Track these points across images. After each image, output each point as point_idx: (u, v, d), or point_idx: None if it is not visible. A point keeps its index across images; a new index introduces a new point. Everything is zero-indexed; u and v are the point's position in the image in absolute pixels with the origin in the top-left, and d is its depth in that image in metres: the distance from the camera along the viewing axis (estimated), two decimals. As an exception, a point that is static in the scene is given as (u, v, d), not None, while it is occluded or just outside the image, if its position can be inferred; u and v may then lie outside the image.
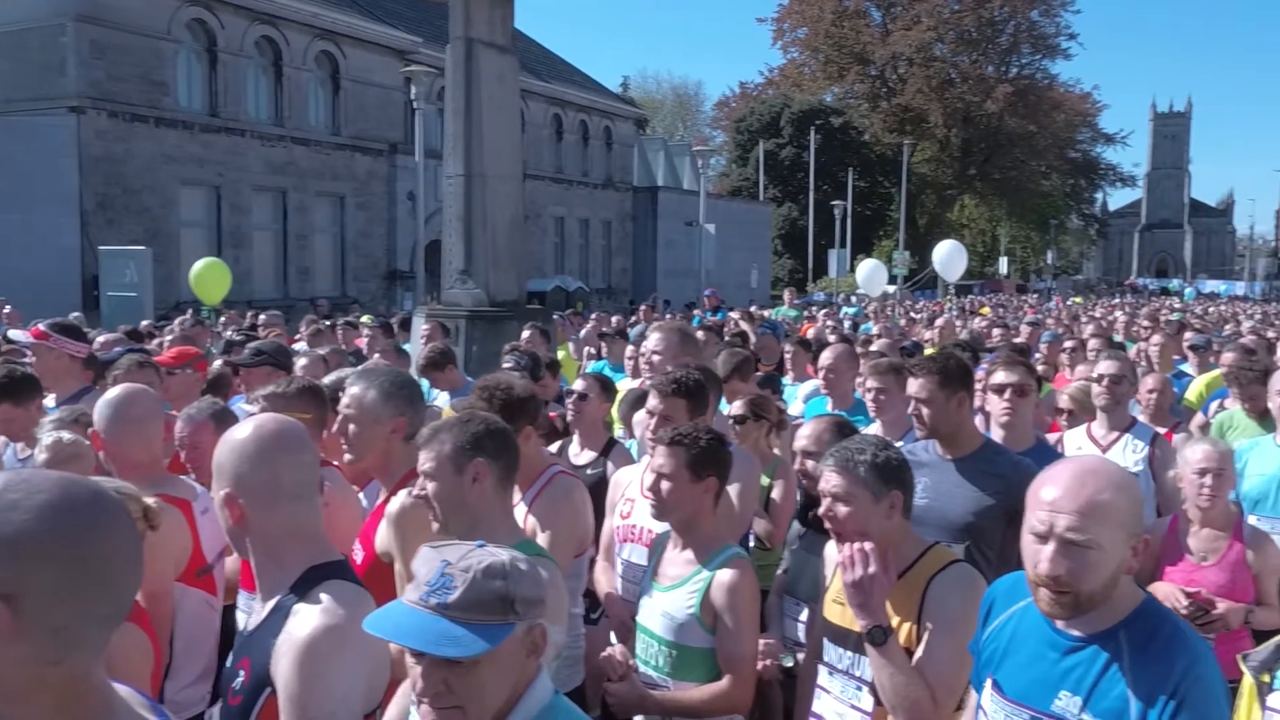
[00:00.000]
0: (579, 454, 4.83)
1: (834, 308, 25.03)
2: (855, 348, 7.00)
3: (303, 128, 28.33)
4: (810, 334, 11.10)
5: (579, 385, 4.98)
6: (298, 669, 1.95)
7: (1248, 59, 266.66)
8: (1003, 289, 55.04)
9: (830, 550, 2.90)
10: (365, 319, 12.93)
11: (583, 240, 40.42)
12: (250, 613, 2.99)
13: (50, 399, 4.84)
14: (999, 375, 4.09)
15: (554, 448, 4.83)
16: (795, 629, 3.30)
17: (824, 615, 2.86)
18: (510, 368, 5.60)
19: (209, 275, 16.14)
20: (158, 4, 24.19)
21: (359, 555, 3.00)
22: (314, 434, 3.48)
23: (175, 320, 12.42)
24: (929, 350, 8.31)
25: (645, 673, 3.04)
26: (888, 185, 60.37)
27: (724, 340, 8.14)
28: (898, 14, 66.63)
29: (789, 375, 7.67)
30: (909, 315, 20.72)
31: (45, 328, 5.07)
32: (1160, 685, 1.95)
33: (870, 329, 13.83)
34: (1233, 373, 5.92)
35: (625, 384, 6.46)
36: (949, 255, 25.73)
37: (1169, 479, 4.11)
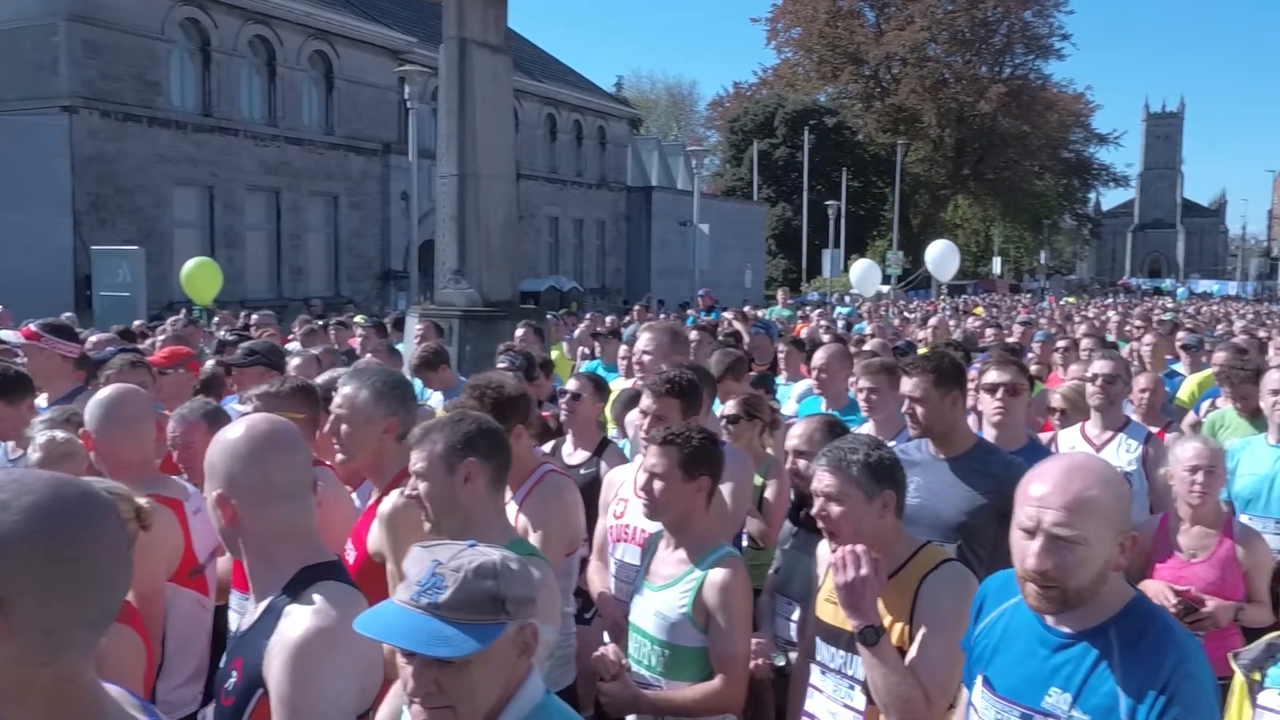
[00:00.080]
0: (572, 453, 4.83)
1: (828, 307, 25.05)
2: (849, 347, 7.01)
3: (296, 127, 28.29)
4: (804, 334, 11.12)
5: (572, 385, 4.99)
6: (289, 670, 1.94)
7: (1240, 59, 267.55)
8: (996, 289, 55.06)
9: (823, 549, 2.90)
10: (359, 319, 12.91)
11: (577, 240, 40.41)
12: (243, 613, 2.99)
13: (42, 399, 4.82)
14: (991, 375, 4.10)
15: (547, 447, 4.83)
16: (787, 628, 3.31)
17: (816, 614, 2.86)
18: (505, 367, 5.59)
19: (200, 275, 16.11)
20: (150, 3, 24.13)
21: (351, 555, 3.00)
22: (307, 434, 3.47)
23: (168, 320, 12.39)
24: (922, 350, 8.32)
25: (638, 672, 3.04)
26: (881, 185, 60.43)
27: (718, 340, 8.15)
28: (891, 14, 66.68)
29: (783, 375, 7.68)
30: (903, 315, 20.74)
31: (36, 328, 5.06)
32: (1150, 681, 1.95)
33: (864, 329, 13.84)
34: (1224, 372, 5.94)
35: (619, 384, 6.46)
36: (942, 255, 25.78)
37: (1160, 476, 4.12)
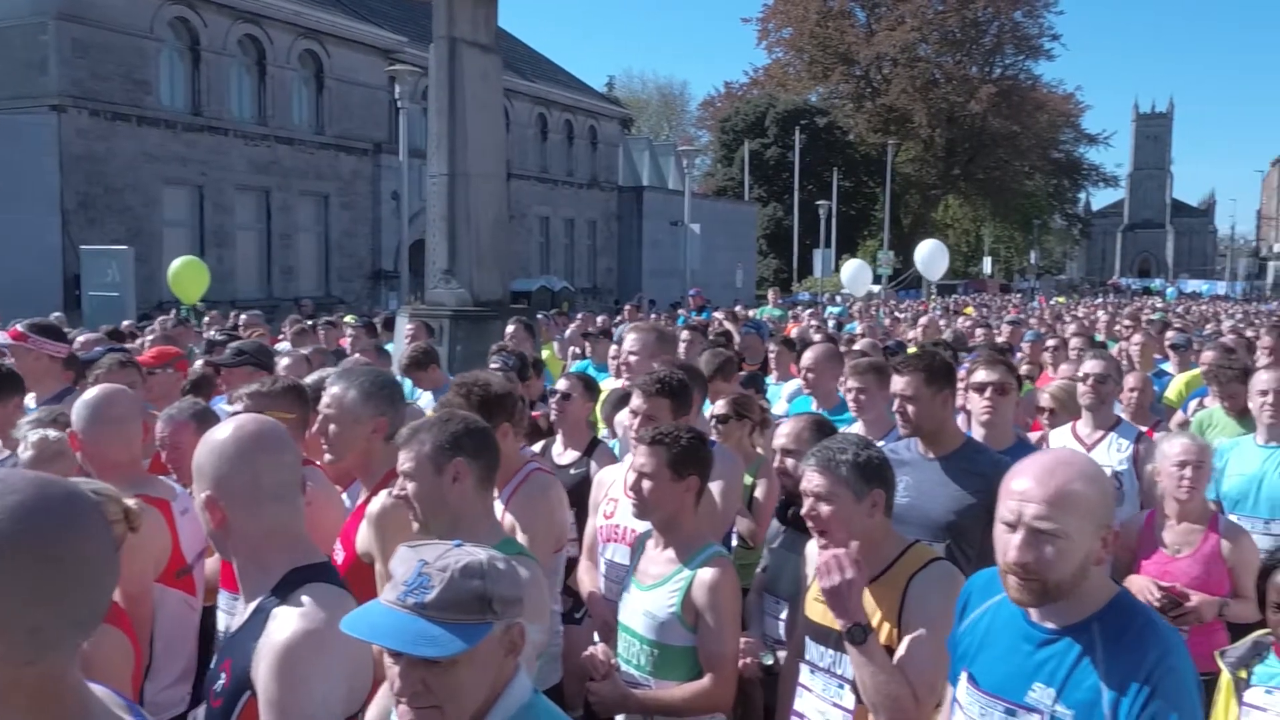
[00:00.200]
0: (562, 453, 4.82)
1: (819, 307, 25.07)
2: (839, 347, 7.01)
3: (286, 127, 28.21)
4: (794, 333, 11.12)
5: (562, 385, 4.98)
6: (276, 673, 1.94)
7: (1229, 60, 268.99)
8: (986, 289, 55.22)
9: (811, 548, 2.91)
10: (349, 319, 12.89)
11: (568, 240, 40.39)
12: (232, 613, 2.99)
13: (30, 399, 4.80)
14: (980, 374, 4.11)
15: (537, 447, 4.82)
16: (776, 627, 3.31)
17: (805, 613, 2.86)
18: (498, 367, 5.58)
19: (186, 274, 16.04)
20: (140, 2, 24.05)
21: (340, 555, 2.99)
22: (297, 434, 3.47)
23: (157, 320, 12.36)
24: (912, 350, 8.34)
25: (627, 672, 3.05)
26: (872, 185, 60.52)
27: (709, 340, 8.15)
28: (882, 14, 66.78)
29: (773, 375, 7.68)
30: (893, 315, 20.76)
31: (23, 328, 5.04)
32: (1132, 675, 1.97)
33: (854, 328, 13.86)
34: (1212, 371, 5.96)
35: (609, 384, 6.45)
36: (931, 255, 25.84)
37: (1147, 472, 4.14)
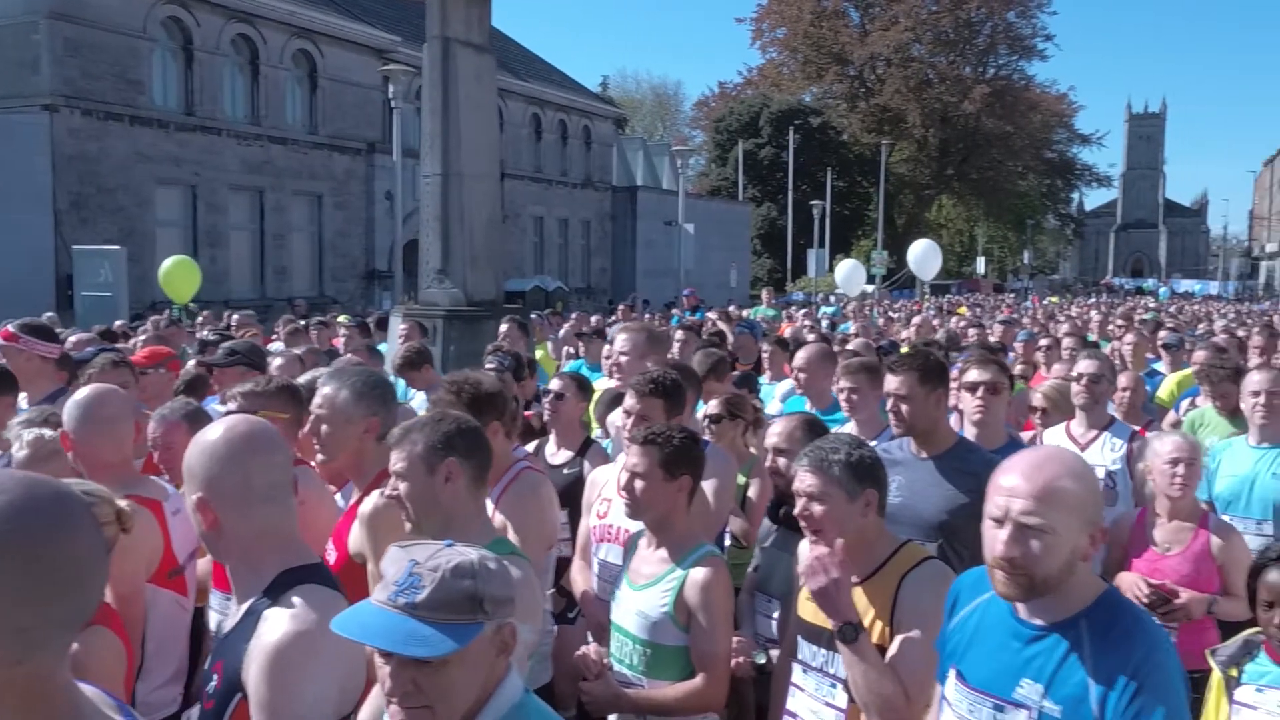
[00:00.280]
0: (555, 453, 4.82)
1: (813, 307, 25.09)
2: (833, 347, 7.02)
3: (280, 126, 28.16)
4: (788, 333, 11.13)
5: (555, 385, 4.99)
6: (266, 676, 1.94)
7: (1222, 60, 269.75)
8: (980, 288, 55.29)
9: (803, 548, 2.91)
10: (342, 319, 12.87)
11: (562, 240, 40.37)
12: (224, 613, 2.98)
13: (22, 400, 4.79)
14: (972, 373, 4.12)
15: (531, 447, 4.82)
16: (768, 626, 3.31)
17: (798, 613, 2.87)
18: (493, 368, 5.58)
19: (178, 274, 15.98)
20: (132, 2, 23.96)
21: (332, 556, 2.99)
22: (291, 434, 3.46)
23: (150, 320, 12.33)
24: (905, 350, 8.34)
25: (620, 671, 3.05)
26: (866, 185, 60.58)
27: (703, 340, 8.16)
28: (876, 14, 66.87)
29: (766, 375, 7.69)
30: (887, 315, 20.80)
31: (14, 329, 5.01)
32: (1119, 670, 1.98)
33: (848, 328, 13.87)
34: (1204, 371, 5.98)
35: (603, 384, 6.45)
36: (924, 254, 25.91)
37: (1138, 471, 4.15)
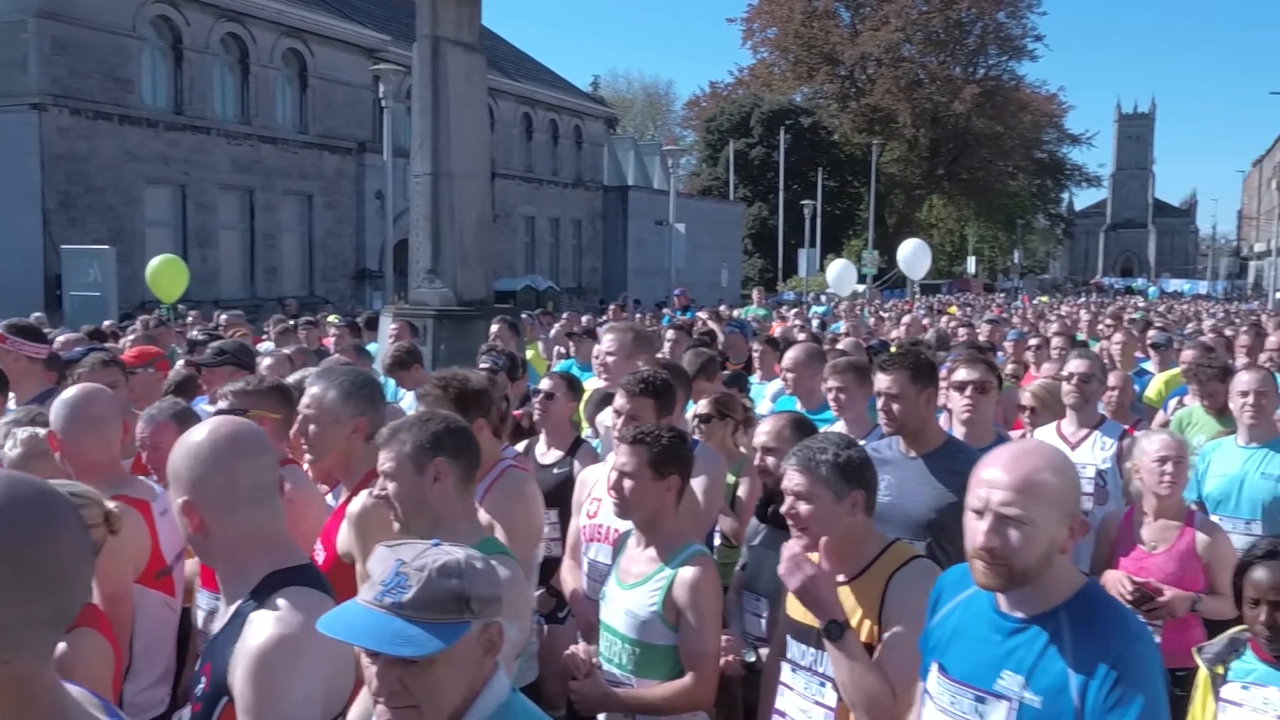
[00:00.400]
0: (545, 453, 4.82)
1: (803, 307, 25.11)
2: (823, 347, 7.03)
3: (270, 126, 28.08)
4: (778, 333, 11.14)
5: (545, 384, 4.98)
6: (251, 679, 1.93)
7: (1210, 60, 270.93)
8: (970, 288, 55.43)
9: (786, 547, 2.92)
10: (332, 318, 12.85)
11: (553, 239, 40.35)
12: (213, 613, 2.97)
13: (11, 401, 4.77)
14: (960, 373, 4.14)
15: (520, 446, 4.82)
16: (756, 624, 3.32)
17: (787, 612, 2.87)
18: (487, 367, 5.57)
19: (165, 273, 15.87)
20: (121, 0, 23.89)
21: (320, 556, 2.98)
22: (282, 433, 3.46)
23: (139, 319, 12.29)
24: (894, 349, 8.35)
25: (609, 671, 3.05)
26: (857, 185, 60.68)
27: (693, 339, 8.16)
28: (866, 15, 66.96)
29: (757, 374, 7.69)
30: (878, 314, 20.82)
31: (1, 329, 4.99)
32: (1100, 661, 2.01)
33: (839, 328, 13.89)
34: (1192, 370, 6.01)
35: (593, 383, 6.45)
36: (913, 254, 25.98)
37: (1125, 469, 4.17)
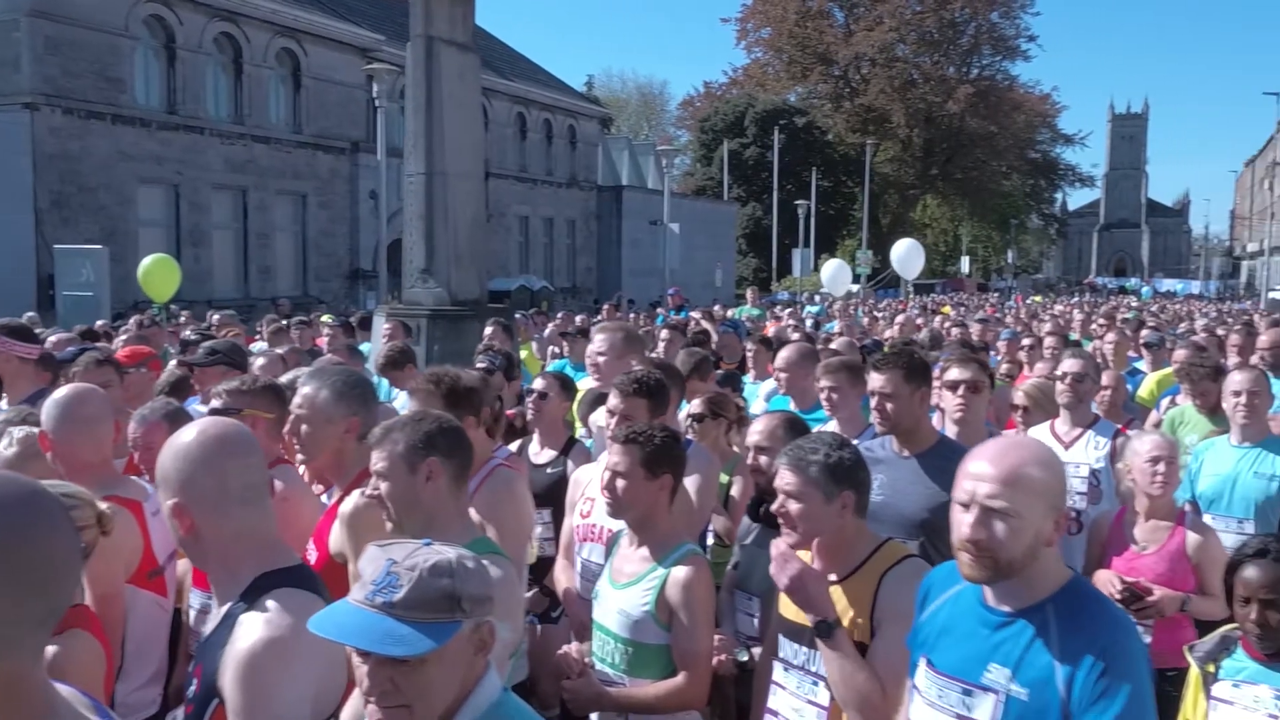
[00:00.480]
0: (539, 453, 4.82)
1: (797, 306, 25.14)
2: (816, 346, 7.03)
3: (263, 125, 28.03)
4: (772, 332, 11.15)
5: (539, 384, 4.99)
6: (240, 682, 1.93)
7: (1203, 60, 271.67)
8: (964, 288, 55.53)
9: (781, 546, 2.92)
10: (326, 318, 12.83)
11: (547, 239, 40.33)
12: (205, 612, 2.97)
13: (3, 401, 4.76)
14: (953, 372, 4.14)
15: (514, 446, 4.82)
16: (748, 624, 3.32)
17: (780, 611, 2.87)
18: (484, 367, 5.58)
19: (157, 272, 15.79)
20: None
21: (312, 556, 2.98)
22: (276, 433, 3.45)
23: (132, 319, 12.26)
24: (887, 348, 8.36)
25: (602, 670, 3.05)
26: (851, 185, 60.76)
27: (688, 339, 8.18)
28: (860, 15, 67.08)
29: (751, 374, 7.70)
30: (872, 314, 20.85)
31: (-8, 330, 4.98)
32: (1086, 652, 2.03)
33: (833, 328, 13.91)
34: (1184, 369, 6.03)
35: (586, 383, 6.45)
36: (907, 253, 26.02)
37: (1117, 470, 4.18)
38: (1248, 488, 4.59)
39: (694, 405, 4.69)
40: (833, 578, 2.69)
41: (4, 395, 4.96)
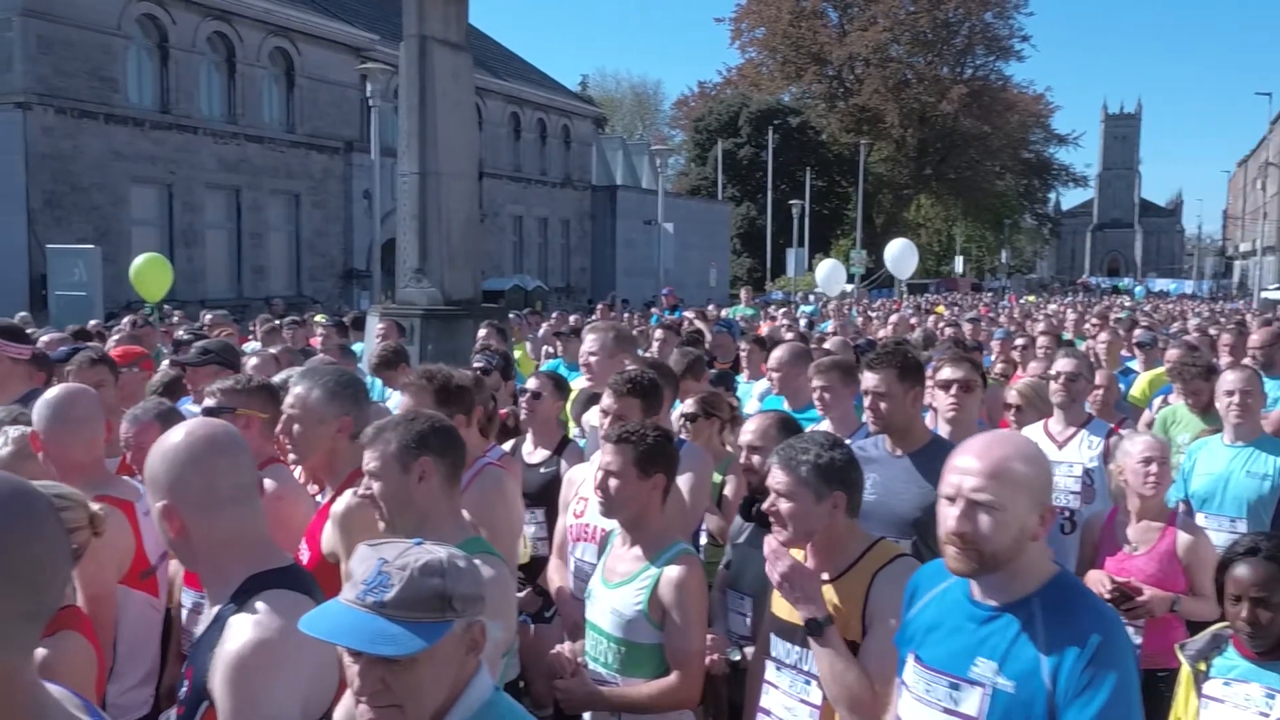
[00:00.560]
0: (532, 452, 4.82)
1: (792, 306, 25.16)
2: (810, 346, 7.04)
3: (257, 125, 27.99)
4: (766, 332, 11.16)
5: (532, 384, 4.98)
6: (229, 685, 1.92)
7: (1196, 61, 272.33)
8: (958, 288, 55.60)
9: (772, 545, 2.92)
10: (319, 318, 12.81)
11: (541, 239, 40.31)
12: (198, 612, 2.96)
13: (-6, 403, 4.74)
14: (945, 371, 4.15)
15: (508, 446, 4.81)
16: (740, 623, 3.32)
17: (772, 610, 2.88)
18: (480, 366, 5.57)
19: (148, 271, 15.69)
20: (106, -1, 23.81)
21: (305, 555, 2.97)
22: (270, 433, 3.44)
23: (125, 319, 12.22)
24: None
25: (594, 669, 3.05)
26: (845, 185, 60.78)
27: (682, 338, 8.17)
28: (854, 15, 67.17)
29: (744, 373, 7.70)
30: (866, 314, 20.87)
31: (-18, 331, 4.96)
32: (1071, 644, 2.05)
33: (827, 327, 13.92)
34: (1176, 369, 6.04)
35: (579, 383, 6.44)
36: (900, 253, 26.05)
37: (1110, 471, 4.18)
38: (1240, 487, 4.60)
39: (687, 405, 4.70)
40: (825, 577, 2.70)
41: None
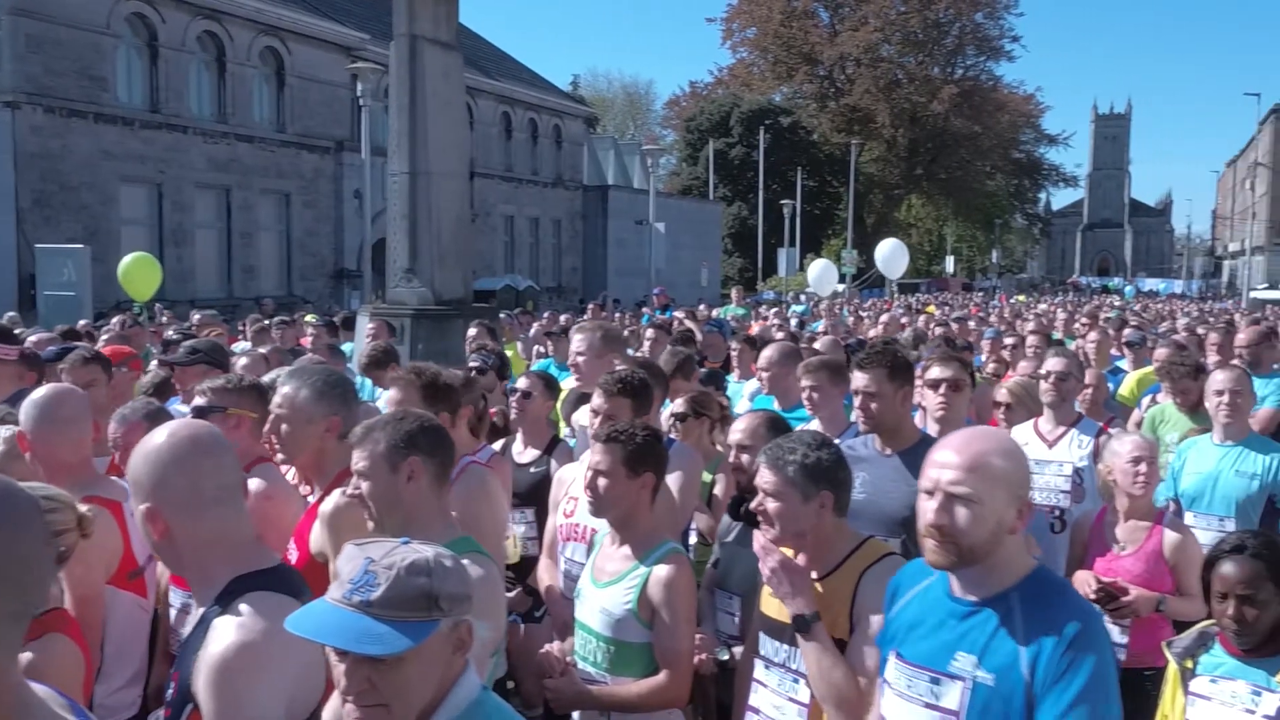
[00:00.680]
0: (523, 452, 4.82)
1: (783, 306, 25.19)
2: (800, 345, 7.05)
3: (247, 124, 27.90)
4: (756, 332, 11.16)
5: (523, 383, 4.99)
6: (213, 687, 1.92)
7: (1186, 61, 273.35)
8: (949, 287, 55.73)
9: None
10: (310, 318, 12.78)
11: (533, 239, 40.27)
12: (186, 609, 2.95)
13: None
14: (934, 370, 4.15)
15: (498, 445, 4.81)
16: (728, 622, 3.33)
17: (761, 609, 2.88)
18: (476, 366, 5.57)
19: (137, 271, 15.63)
20: (95, -3, 23.71)
21: (293, 555, 2.97)
22: (260, 432, 3.43)
23: (114, 319, 12.18)
24: (872, 347, 8.35)
25: (584, 669, 3.05)
26: (836, 184, 60.87)
27: (673, 338, 8.18)
28: (845, 15, 67.26)
29: (735, 373, 7.71)
30: (857, 314, 20.90)
31: (-29, 331, 4.94)
32: (1049, 633, 2.07)
33: (818, 327, 13.94)
34: (1164, 368, 6.06)
35: (570, 383, 6.44)
36: (891, 254, 26.10)
37: (1099, 471, 4.20)
38: (1229, 486, 4.61)
39: (677, 404, 4.70)
40: (813, 575, 2.70)
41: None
